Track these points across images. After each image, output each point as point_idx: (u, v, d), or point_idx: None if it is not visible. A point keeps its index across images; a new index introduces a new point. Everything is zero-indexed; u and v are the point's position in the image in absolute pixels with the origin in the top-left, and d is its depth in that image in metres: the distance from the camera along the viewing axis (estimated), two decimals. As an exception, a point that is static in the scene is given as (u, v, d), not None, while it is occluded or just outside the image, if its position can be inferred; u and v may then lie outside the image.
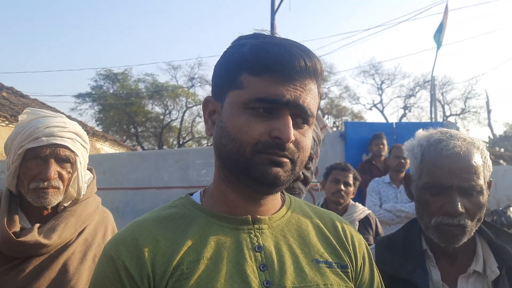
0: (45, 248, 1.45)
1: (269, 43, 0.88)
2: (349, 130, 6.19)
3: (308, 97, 0.88)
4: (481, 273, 1.27)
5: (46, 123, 1.49)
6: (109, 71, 25.85)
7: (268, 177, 0.86)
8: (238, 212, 0.94)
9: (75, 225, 1.55)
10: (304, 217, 1.02)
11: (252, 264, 0.87)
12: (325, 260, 0.94)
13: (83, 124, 15.17)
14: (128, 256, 0.86)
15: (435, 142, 1.28)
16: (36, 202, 1.47)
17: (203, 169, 6.85)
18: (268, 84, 0.85)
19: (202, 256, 0.86)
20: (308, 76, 0.88)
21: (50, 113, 1.57)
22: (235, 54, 0.91)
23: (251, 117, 0.86)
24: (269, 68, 0.86)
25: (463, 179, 1.22)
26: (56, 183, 1.48)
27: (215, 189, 0.98)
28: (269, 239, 0.92)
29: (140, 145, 26.40)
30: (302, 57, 0.87)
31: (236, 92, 0.88)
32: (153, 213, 0.98)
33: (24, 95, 15.38)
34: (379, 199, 4.11)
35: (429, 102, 13.21)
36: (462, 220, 1.21)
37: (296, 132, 0.88)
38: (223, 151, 0.90)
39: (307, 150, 0.92)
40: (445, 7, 10.42)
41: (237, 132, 0.86)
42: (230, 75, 0.90)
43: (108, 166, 7.48)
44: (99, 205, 1.72)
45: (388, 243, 1.40)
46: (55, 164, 1.48)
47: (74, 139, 1.54)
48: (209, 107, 0.97)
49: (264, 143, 0.85)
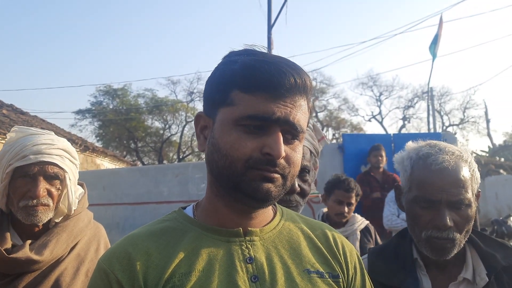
0: (37, 265, 1.45)
1: (259, 61, 0.89)
2: (347, 142, 6.21)
3: (298, 114, 0.90)
4: (470, 281, 1.29)
5: (34, 141, 1.49)
6: (109, 87, 25.98)
7: (260, 192, 0.88)
8: (229, 224, 0.95)
9: (67, 240, 1.55)
10: (295, 228, 1.03)
11: (243, 275, 0.88)
12: (316, 270, 0.95)
13: (83, 140, 15.21)
14: (121, 269, 0.88)
15: (424, 156, 1.31)
16: (26, 220, 1.47)
17: (202, 183, 6.84)
18: (259, 101, 0.87)
19: (194, 268, 0.88)
20: (298, 92, 0.90)
21: (38, 130, 1.58)
22: (226, 71, 0.93)
23: (242, 134, 0.88)
24: (259, 86, 0.87)
25: (452, 193, 1.25)
26: (45, 200, 1.48)
27: (207, 203, 1.00)
28: (260, 250, 0.93)
29: (140, 160, 26.38)
30: (292, 75, 0.89)
31: (227, 109, 0.90)
32: (146, 227, 1.00)
33: (24, 112, 15.42)
34: (397, 209, 4.12)
35: (427, 112, 13.25)
36: (451, 233, 1.24)
37: (286, 148, 0.90)
38: (215, 166, 0.92)
39: (298, 165, 0.94)
40: (440, 18, 10.57)
41: (229, 148, 0.88)
42: (221, 92, 0.92)
43: (108, 181, 7.49)
44: (90, 220, 1.72)
45: (380, 252, 1.42)
46: (44, 182, 1.49)
47: (63, 155, 1.55)
48: (200, 122, 0.99)
49: (255, 159, 0.87)
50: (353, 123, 29.66)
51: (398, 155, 1.41)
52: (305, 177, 1.63)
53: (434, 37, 10.47)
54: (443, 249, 1.25)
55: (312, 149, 1.68)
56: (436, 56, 10.48)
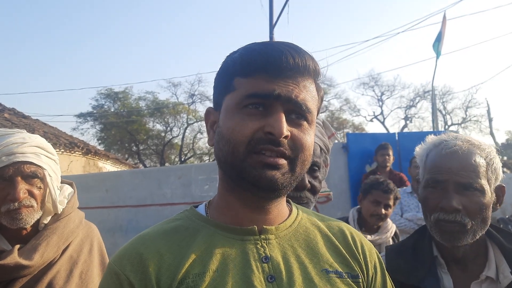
0: (27, 269, 1.40)
1: (258, 44, 0.89)
2: (351, 141, 6.17)
3: (302, 93, 0.87)
4: (494, 279, 1.24)
5: (4, 142, 1.42)
6: (110, 90, 26.05)
7: (263, 179, 0.84)
8: (243, 222, 0.91)
9: (58, 242, 1.50)
10: (312, 227, 0.99)
11: (259, 275, 0.85)
12: (335, 270, 0.91)
13: (85, 143, 15.20)
14: (133, 270, 0.85)
15: (437, 143, 1.31)
16: (12, 224, 1.41)
17: (205, 184, 6.83)
18: (258, 81, 0.86)
19: (208, 268, 0.84)
20: (299, 73, 0.87)
21: (8, 130, 1.51)
22: (228, 61, 0.93)
23: (245, 116, 0.86)
24: (258, 67, 0.86)
25: (461, 175, 1.22)
26: (27, 202, 1.42)
27: (219, 200, 0.97)
28: (276, 249, 0.90)
29: (142, 163, 26.39)
30: (291, 54, 0.86)
31: (229, 95, 0.89)
32: (157, 226, 0.96)
33: (26, 116, 15.44)
34: (400, 209, 4.10)
35: (430, 112, 13.20)
36: (459, 216, 1.21)
37: (294, 129, 0.87)
38: (221, 156, 0.89)
39: (308, 148, 0.89)
40: (443, 16, 10.49)
41: (231, 132, 0.86)
42: (224, 82, 0.91)
43: (111, 184, 7.48)
44: (82, 220, 1.66)
45: (399, 250, 1.39)
46: (22, 183, 1.42)
47: (37, 152, 1.48)
48: (210, 118, 0.97)
49: (257, 140, 0.84)
50: (355, 124, 29.66)
51: (418, 147, 1.40)
52: (316, 174, 1.59)
53: (437, 35, 10.40)
54: (452, 232, 1.22)
55: (322, 146, 1.63)
56: (440, 54, 10.41)
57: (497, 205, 1.31)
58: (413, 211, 3.97)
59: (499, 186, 1.30)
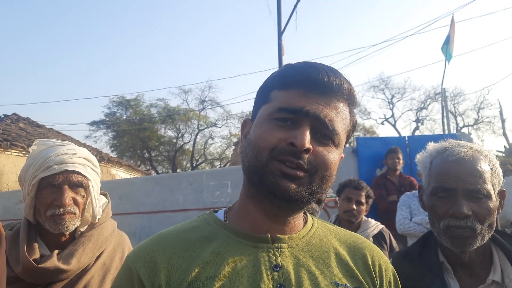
0: (65, 274, 1.47)
1: (298, 62, 0.94)
2: (361, 145, 6.16)
3: (331, 113, 0.89)
4: (499, 283, 1.26)
5: (56, 152, 1.54)
6: (122, 98, 26.25)
7: (279, 188, 0.86)
8: (259, 229, 0.93)
9: (93, 249, 1.58)
10: (325, 239, 0.99)
11: (269, 283, 0.86)
12: (344, 284, 0.91)
13: (98, 151, 15.37)
14: (143, 266, 0.88)
15: (442, 150, 1.33)
16: (54, 229, 1.50)
17: (217, 190, 6.87)
18: (292, 96, 0.90)
19: (220, 272, 0.86)
20: (332, 92, 0.90)
21: (59, 142, 1.62)
22: (269, 76, 0.98)
23: (273, 126, 0.89)
24: (294, 81, 0.90)
25: (468, 182, 1.24)
26: (71, 208, 1.51)
27: (239, 206, 0.99)
28: (288, 258, 0.91)
29: (154, 169, 26.56)
30: (327, 72, 0.90)
31: (264, 106, 0.94)
32: (176, 226, 0.99)
33: (40, 125, 15.70)
34: (409, 213, 4.08)
35: (441, 114, 13.09)
36: (470, 222, 1.23)
37: (318, 147, 0.89)
38: (246, 161, 0.92)
39: (330, 167, 0.90)
40: (451, 19, 10.43)
41: (258, 139, 0.89)
42: (263, 94, 0.96)
43: (124, 191, 7.56)
44: (115, 229, 1.75)
45: (405, 256, 1.40)
46: (69, 190, 1.52)
47: (85, 164, 1.59)
48: (245, 128, 1.00)
49: (279, 149, 0.87)
50: (366, 127, 29.43)
51: (419, 154, 1.42)
52: None
53: (446, 37, 10.35)
54: (463, 238, 1.23)
55: None
56: (451, 57, 10.35)
57: (499, 209, 1.33)
58: (423, 214, 3.96)
59: (500, 190, 1.32)
